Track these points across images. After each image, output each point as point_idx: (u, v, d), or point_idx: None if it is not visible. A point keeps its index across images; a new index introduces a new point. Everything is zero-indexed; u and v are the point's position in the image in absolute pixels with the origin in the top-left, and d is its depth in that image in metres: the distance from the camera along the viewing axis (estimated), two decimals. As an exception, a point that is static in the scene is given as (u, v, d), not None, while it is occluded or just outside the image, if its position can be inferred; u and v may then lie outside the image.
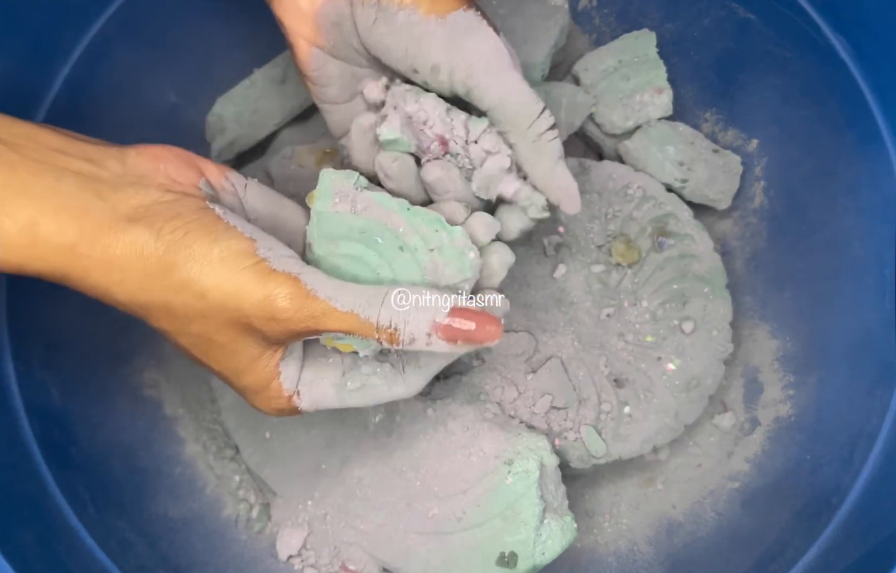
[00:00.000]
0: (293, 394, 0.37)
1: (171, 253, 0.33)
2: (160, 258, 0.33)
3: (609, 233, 0.50)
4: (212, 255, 0.33)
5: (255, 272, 0.33)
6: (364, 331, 0.34)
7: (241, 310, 0.33)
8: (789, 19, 0.48)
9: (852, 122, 0.47)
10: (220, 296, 0.33)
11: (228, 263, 0.33)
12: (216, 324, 0.34)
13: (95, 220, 0.32)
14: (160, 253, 0.32)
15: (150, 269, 0.33)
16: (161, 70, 0.50)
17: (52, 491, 0.41)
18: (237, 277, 0.33)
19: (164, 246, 0.33)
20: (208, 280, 0.33)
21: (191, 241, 0.33)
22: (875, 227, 0.47)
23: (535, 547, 0.42)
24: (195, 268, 0.33)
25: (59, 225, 0.32)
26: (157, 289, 0.33)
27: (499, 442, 0.45)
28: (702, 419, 0.49)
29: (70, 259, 0.32)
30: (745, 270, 0.53)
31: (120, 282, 0.33)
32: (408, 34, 0.37)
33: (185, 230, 0.33)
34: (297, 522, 0.46)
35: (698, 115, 0.56)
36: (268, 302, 0.33)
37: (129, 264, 0.32)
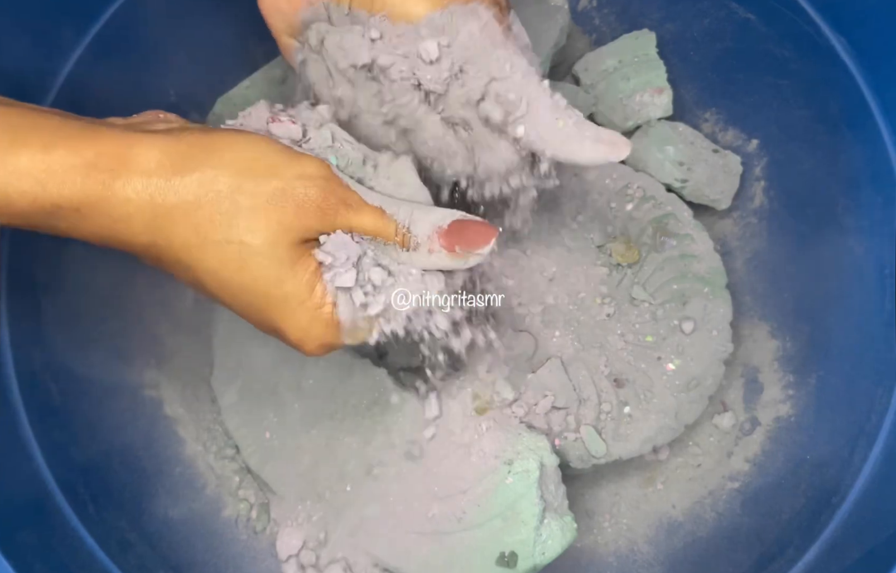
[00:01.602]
0: (335, 301, 0.35)
1: (195, 147, 0.32)
2: (184, 153, 0.32)
3: (609, 233, 0.50)
4: (237, 142, 0.33)
5: (287, 153, 0.33)
6: (386, 228, 0.35)
7: (278, 187, 0.32)
8: (789, 19, 0.48)
9: (852, 122, 0.47)
10: (257, 171, 0.32)
11: (258, 146, 0.33)
12: (249, 219, 0.32)
13: (110, 140, 0.32)
14: (183, 149, 0.32)
15: (176, 164, 0.32)
16: (161, 70, 0.50)
17: (53, 491, 0.41)
18: (268, 157, 0.33)
19: (185, 145, 0.32)
20: (238, 162, 0.32)
21: (212, 137, 0.33)
22: (875, 227, 0.47)
23: (535, 547, 0.42)
24: (224, 154, 0.32)
25: (74, 149, 0.31)
26: (185, 184, 0.32)
27: (499, 442, 0.45)
28: (702, 419, 0.49)
29: (88, 179, 0.31)
30: (745, 270, 0.54)
31: (144, 188, 0.32)
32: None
33: (201, 131, 0.33)
34: (297, 522, 0.46)
35: (698, 115, 0.56)
36: (304, 179, 0.33)
37: (152, 165, 0.32)
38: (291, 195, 0.33)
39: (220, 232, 0.32)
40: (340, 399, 0.47)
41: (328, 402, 0.46)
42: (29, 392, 0.42)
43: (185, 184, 0.32)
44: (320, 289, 0.34)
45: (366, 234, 0.35)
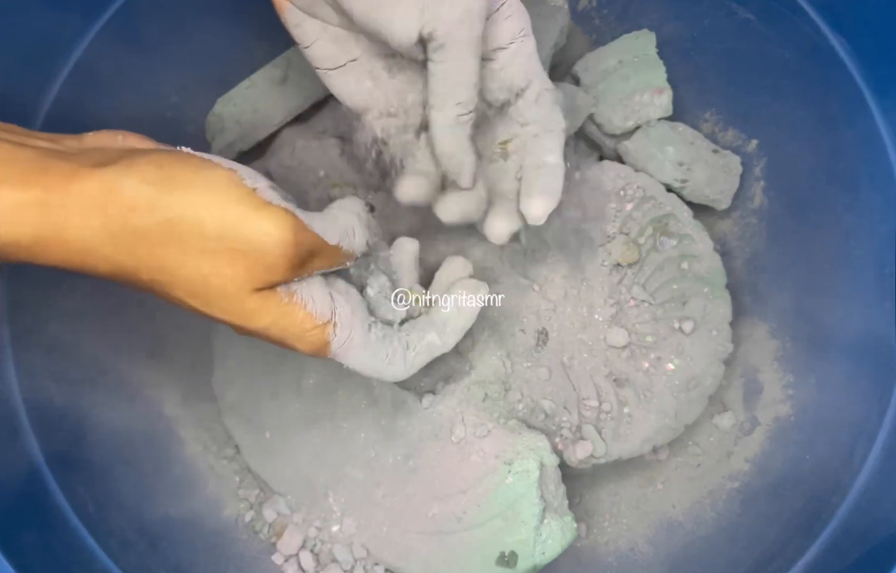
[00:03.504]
0: (328, 323, 0.35)
1: (147, 185, 0.30)
2: (140, 192, 0.30)
3: (609, 233, 0.50)
4: (195, 184, 0.30)
5: (251, 203, 0.31)
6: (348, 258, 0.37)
7: (243, 240, 0.31)
8: (789, 19, 0.48)
9: (852, 122, 0.47)
10: (211, 227, 0.30)
11: (219, 190, 0.31)
12: (210, 263, 0.31)
13: (61, 173, 0.29)
14: (134, 186, 0.30)
15: (132, 203, 0.30)
16: (162, 70, 0.50)
17: (53, 491, 0.41)
18: (233, 207, 0.30)
19: (137, 180, 0.30)
20: (197, 210, 0.30)
21: (169, 172, 0.30)
22: (875, 226, 0.47)
23: (535, 546, 0.43)
24: (179, 197, 0.30)
25: (24, 184, 0.29)
26: (147, 227, 0.30)
27: (499, 441, 0.45)
28: (701, 419, 0.49)
29: (42, 215, 0.29)
30: (744, 270, 0.54)
31: (102, 226, 0.30)
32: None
33: (159, 164, 0.30)
34: (296, 522, 0.46)
35: (698, 116, 0.56)
36: (263, 234, 0.31)
37: (107, 202, 0.29)
38: (254, 253, 0.31)
39: (184, 270, 0.31)
40: (340, 399, 0.47)
41: (328, 403, 0.46)
42: (29, 392, 0.42)
43: (148, 223, 0.30)
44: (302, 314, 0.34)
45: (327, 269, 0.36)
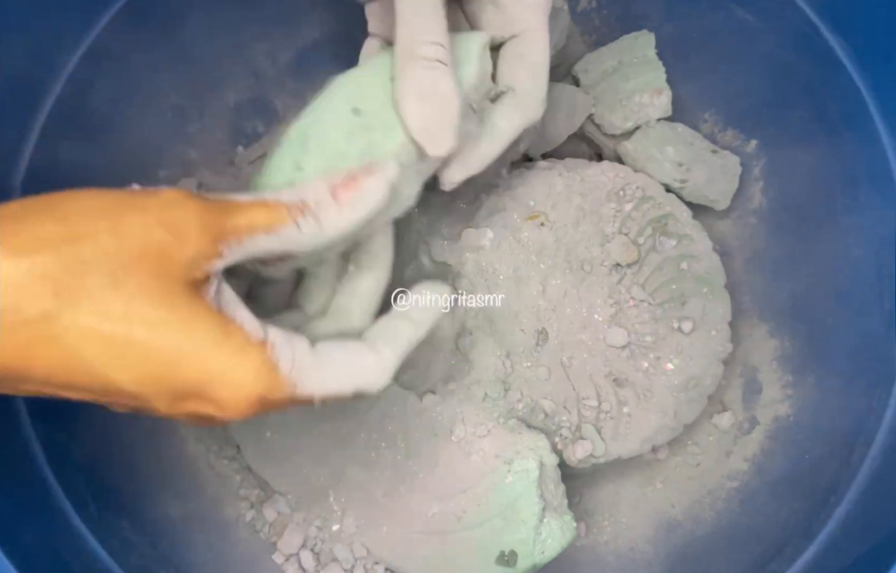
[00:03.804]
0: (264, 342, 0.30)
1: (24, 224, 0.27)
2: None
3: (608, 233, 0.51)
4: (81, 196, 0.29)
5: (134, 196, 0.29)
6: (277, 212, 0.31)
7: (144, 233, 0.28)
8: (789, 20, 0.49)
9: (851, 123, 0.47)
10: (114, 232, 0.27)
11: (99, 201, 0.28)
12: (122, 285, 0.27)
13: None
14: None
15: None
16: (162, 70, 0.50)
17: (54, 490, 0.41)
18: (116, 212, 0.28)
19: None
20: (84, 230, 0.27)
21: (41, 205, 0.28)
22: (874, 226, 0.47)
23: (534, 546, 0.43)
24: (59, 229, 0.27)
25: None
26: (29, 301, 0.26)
27: (499, 441, 0.45)
28: (701, 419, 0.49)
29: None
30: (744, 270, 0.54)
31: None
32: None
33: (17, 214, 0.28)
34: (297, 522, 0.46)
35: (697, 116, 0.56)
36: (167, 209, 0.29)
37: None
38: (161, 240, 0.28)
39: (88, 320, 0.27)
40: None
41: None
42: (30, 392, 0.42)
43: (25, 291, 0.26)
44: (234, 328, 0.30)
45: (258, 230, 0.31)
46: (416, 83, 0.36)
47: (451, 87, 0.36)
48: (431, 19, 0.36)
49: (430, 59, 0.36)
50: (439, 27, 0.36)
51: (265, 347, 0.30)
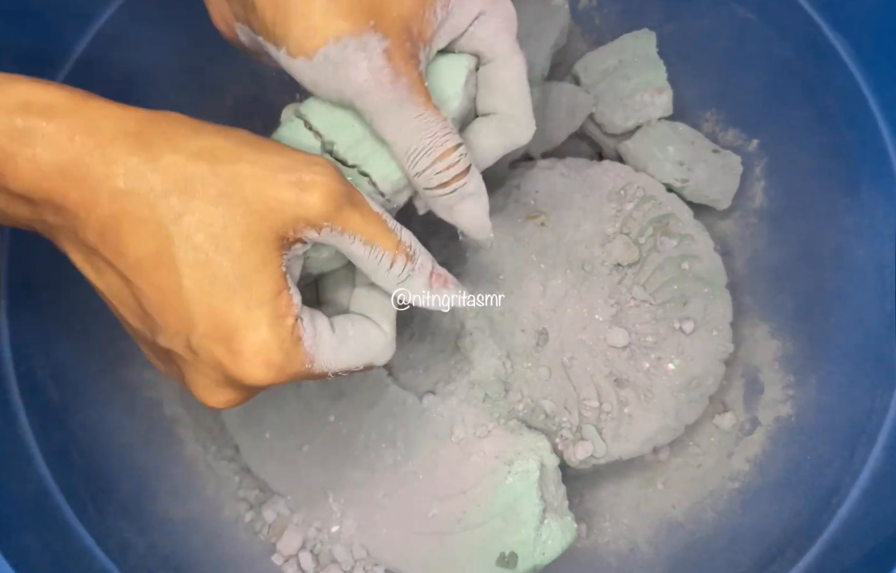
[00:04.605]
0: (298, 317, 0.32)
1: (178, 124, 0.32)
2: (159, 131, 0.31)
3: (609, 233, 0.50)
4: (203, 129, 0.32)
5: (288, 148, 0.31)
6: (387, 239, 0.32)
7: (293, 174, 0.30)
8: (789, 19, 0.48)
9: (852, 122, 0.47)
10: (267, 151, 0.31)
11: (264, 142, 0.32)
12: (245, 199, 0.30)
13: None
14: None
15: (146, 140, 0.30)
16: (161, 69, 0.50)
17: (52, 491, 0.41)
18: (278, 147, 0.32)
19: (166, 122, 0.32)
20: (247, 146, 0.31)
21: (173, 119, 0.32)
22: (875, 226, 0.47)
23: (535, 547, 0.42)
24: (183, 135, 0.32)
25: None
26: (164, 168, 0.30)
27: (499, 441, 0.45)
28: (702, 419, 0.49)
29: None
30: (745, 270, 0.54)
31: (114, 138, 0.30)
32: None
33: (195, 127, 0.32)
34: (296, 523, 0.46)
35: (698, 115, 0.56)
36: (313, 166, 0.31)
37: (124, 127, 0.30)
38: (299, 182, 0.30)
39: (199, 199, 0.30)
40: (340, 400, 0.47)
41: (328, 403, 0.46)
42: (29, 392, 0.42)
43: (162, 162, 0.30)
44: (286, 296, 0.31)
45: (363, 239, 0.32)
46: (444, 209, 0.36)
47: (480, 179, 0.37)
48: (441, 130, 0.34)
49: (443, 185, 0.35)
50: (430, 134, 0.34)
51: (297, 323, 0.32)
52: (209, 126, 0.32)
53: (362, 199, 0.32)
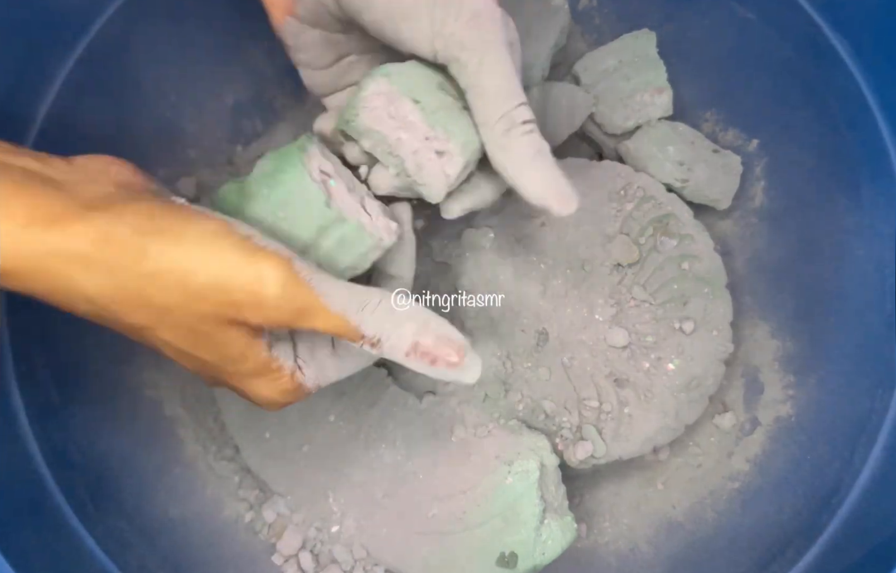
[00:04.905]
0: (295, 370, 0.34)
1: (140, 235, 0.29)
2: (128, 241, 0.29)
3: (609, 233, 0.50)
4: (186, 235, 0.30)
5: (242, 249, 0.30)
6: (349, 336, 0.33)
7: (228, 295, 0.30)
8: (789, 19, 0.48)
9: (852, 122, 0.47)
10: (204, 279, 0.30)
11: (208, 241, 0.30)
12: (197, 316, 0.31)
13: (48, 209, 0.29)
14: (127, 236, 0.29)
15: (119, 255, 0.29)
16: (161, 69, 0.50)
17: (52, 491, 0.41)
18: (222, 256, 0.30)
19: (130, 229, 0.29)
20: (189, 261, 0.29)
21: (160, 224, 0.30)
22: (875, 227, 0.47)
23: (535, 547, 0.42)
24: (171, 250, 0.29)
25: (8, 215, 0.28)
26: (130, 277, 0.29)
27: (499, 442, 0.45)
28: (702, 419, 0.49)
29: (22, 253, 0.28)
30: (745, 270, 0.53)
31: (84, 273, 0.29)
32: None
33: (150, 214, 0.30)
34: (296, 523, 0.46)
35: (698, 115, 0.56)
36: (258, 283, 0.30)
37: (93, 251, 0.29)
38: (241, 303, 0.30)
39: (169, 318, 0.31)
40: (340, 400, 0.46)
41: (328, 403, 0.46)
42: (29, 392, 0.42)
43: (132, 274, 0.29)
44: (276, 365, 0.34)
45: (325, 333, 0.33)
46: (526, 152, 0.35)
47: (548, 145, 0.36)
48: (512, 79, 0.35)
49: (527, 122, 0.35)
50: (519, 85, 0.35)
51: (294, 375, 0.35)
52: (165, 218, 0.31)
53: (319, 297, 0.32)
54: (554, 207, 0.35)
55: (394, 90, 0.36)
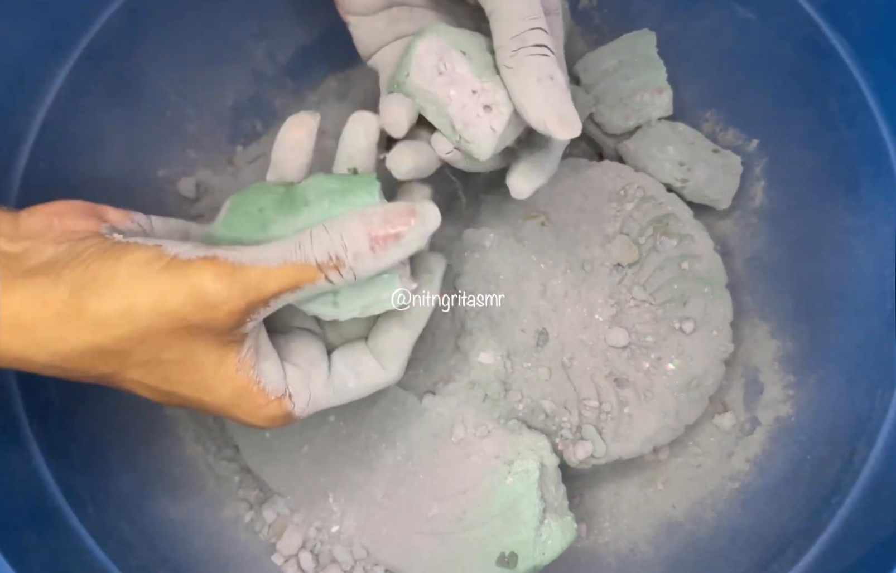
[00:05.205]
0: (283, 396, 0.35)
1: (76, 293, 0.30)
2: (66, 301, 0.30)
3: (609, 233, 0.50)
4: (118, 275, 0.30)
5: (171, 269, 0.30)
6: (307, 276, 0.32)
7: (173, 314, 0.30)
8: (789, 19, 0.48)
9: (852, 122, 0.47)
10: (145, 311, 0.30)
11: (139, 274, 0.30)
12: (157, 343, 0.31)
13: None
14: (65, 296, 0.30)
15: (59, 316, 0.30)
16: (161, 69, 0.50)
17: (53, 491, 0.41)
18: (153, 284, 0.30)
19: (67, 288, 0.30)
20: (125, 301, 0.30)
21: (94, 272, 0.30)
22: (875, 227, 0.47)
23: (535, 547, 0.42)
24: (106, 296, 0.30)
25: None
26: (76, 334, 0.30)
27: (499, 441, 0.45)
28: (702, 419, 0.49)
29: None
30: (745, 270, 0.53)
31: (31, 341, 0.30)
32: None
33: (85, 266, 0.31)
34: (296, 523, 0.46)
35: (698, 115, 0.56)
36: (196, 292, 0.30)
37: (33, 318, 0.30)
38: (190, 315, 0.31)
39: (133, 358, 0.31)
40: (340, 399, 0.47)
41: (328, 402, 0.46)
42: (29, 392, 0.42)
43: (77, 330, 0.30)
44: (257, 390, 0.34)
45: (286, 292, 0.32)
46: (533, 71, 0.34)
47: (561, 72, 0.35)
48: (531, 4, 0.35)
49: (540, 45, 0.34)
50: (539, 10, 0.35)
51: (282, 401, 0.35)
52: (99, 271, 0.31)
53: (258, 266, 0.31)
54: (555, 130, 0.34)
55: (444, 44, 0.37)
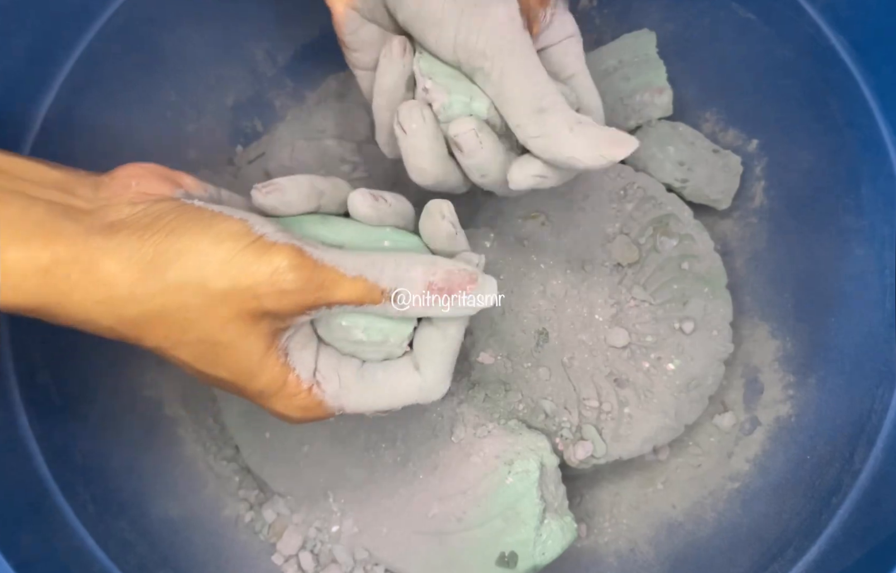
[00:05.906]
0: (312, 384, 0.35)
1: (159, 253, 0.31)
2: (149, 262, 0.31)
3: (609, 233, 0.50)
4: (203, 243, 0.31)
5: (256, 249, 0.31)
6: (373, 296, 0.33)
7: (248, 290, 0.31)
8: (789, 19, 0.48)
9: (852, 122, 0.47)
10: (223, 284, 0.31)
11: (225, 246, 0.31)
12: (220, 321, 0.32)
13: (70, 241, 0.30)
14: (148, 256, 0.31)
15: (139, 276, 0.31)
16: (161, 69, 0.50)
17: (52, 491, 0.41)
18: (238, 259, 0.31)
19: (151, 248, 0.31)
20: (207, 269, 0.31)
21: (178, 235, 0.31)
22: (875, 227, 0.47)
23: (535, 547, 0.42)
24: (190, 260, 0.31)
25: (30, 251, 0.29)
26: (150, 295, 0.31)
27: (499, 441, 0.45)
28: (702, 419, 0.49)
29: (45, 284, 0.30)
30: (745, 270, 0.53)
31: (107, 298, 0.31)
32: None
33: (168, 228, 0.31)
34: (296, 523, 0.46)
35: (698, 115, 0.56)
36: (276, 276, 0.31)
37: (114, 276, 0.30)
38: (263, 296, 0.32)
39: (190, 333, 0.32)
40: (340, 399, 0.47)
41: (328, 402, 0.46)
42: (29, 392, 0.42)
43: (150, 295, 0.31)
44: (292, 378, 0.35)
45: (350, 304, 0.34)
46: (561, 127, 0.35)
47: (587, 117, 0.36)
48: (535, 80, 0.36)
49: (557, 104, 0.36)
50: (545, 82, 0.36)
51: (311, 390, 0.35)
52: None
53: (334, 269, 0.33)
54: (617, 155, 0.35)
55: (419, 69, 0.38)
